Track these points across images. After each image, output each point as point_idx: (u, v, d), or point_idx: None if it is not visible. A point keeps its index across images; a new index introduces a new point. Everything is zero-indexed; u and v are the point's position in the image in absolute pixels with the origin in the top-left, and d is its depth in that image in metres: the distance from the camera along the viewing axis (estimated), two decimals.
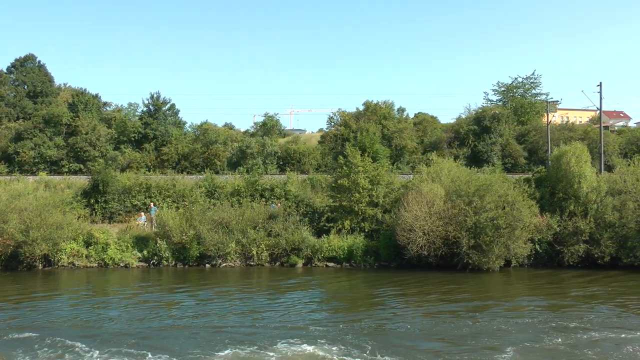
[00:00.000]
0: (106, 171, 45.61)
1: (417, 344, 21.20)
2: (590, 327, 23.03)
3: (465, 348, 20.61)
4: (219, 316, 25.33)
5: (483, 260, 34.20)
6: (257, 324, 23.80)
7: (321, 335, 22.01)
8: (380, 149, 44.28)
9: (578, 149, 37.76)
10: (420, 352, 20.28)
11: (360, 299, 29.25)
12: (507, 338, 21.71)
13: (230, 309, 26.70)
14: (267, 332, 22.55)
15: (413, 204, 34.78)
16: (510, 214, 34.01)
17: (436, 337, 22.16)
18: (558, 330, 22.57)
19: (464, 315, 25.00)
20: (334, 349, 20.35)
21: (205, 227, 37.14)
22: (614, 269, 35.49)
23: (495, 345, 20.87)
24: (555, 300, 28.31)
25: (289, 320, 24.45)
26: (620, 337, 21.87)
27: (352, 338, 21.64)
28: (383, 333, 22.63)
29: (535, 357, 19.73)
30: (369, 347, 20.53)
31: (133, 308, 27.02)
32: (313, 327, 23.12)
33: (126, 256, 37.90)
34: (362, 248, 36.73)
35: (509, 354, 19.86)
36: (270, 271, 36.37)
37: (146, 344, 20.96)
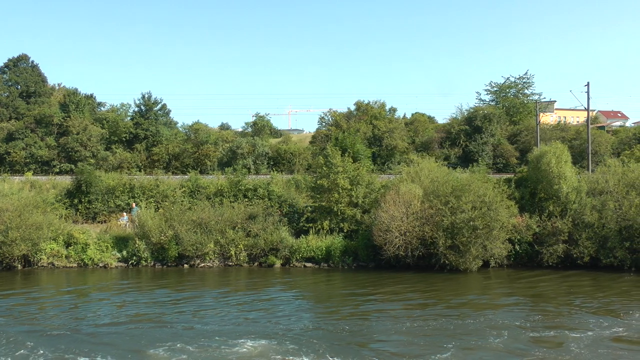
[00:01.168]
0: (90, 171, 45.59)
1: (369, 344, 21.37)
2: (537, 327, 23.26)
3: (408, 348, 20.80)
4: (167, 315, 25.71)
5: (460, 261, 34.07)
6: (202, 323, 24.07)
7: (273, 335, 22.18)
8: (361, 149, 44.10)
9: (558, 149, 37.58)
10: (372, 351, 20.49)
11: (328, 299, 29.40)
12: (454, 338, 21.84)
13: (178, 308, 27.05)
14: (204, 330, 22.87)
15: (390, 205, 34.65)
16: (487, 215, 33.83)
17: (390, 337, 22.28)
18: (502, 329, 22.79)
19: (425, 315, 25.12)
20: (284, 348, 20.47)
21: (184, 227, 37.10)
22: (594, 269, 35.34)
23: (442, 344, 20.99)
24: (515, 300, 28.62)
25: (235, 320, 24.70)
26: (571, 335, 22.06)
27: (307, 337, 21.77)
28: (343, 333, 22.68)
29: (476, 357, 19.85)
30: (325, 347, 20.57)
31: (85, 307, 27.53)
32: (273, 327, 23.29)
33: (105, 256, 37.95)
34: (340, 248, 36.65)
35: (450, 353, 19.99)
36: (247, 271, 36.37)
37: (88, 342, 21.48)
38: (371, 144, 66.90)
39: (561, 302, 27.75)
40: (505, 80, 78.89)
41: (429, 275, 34.07)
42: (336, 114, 70.97)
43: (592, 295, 29.23)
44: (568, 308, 26.67)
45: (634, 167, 38.72)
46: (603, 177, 38.00)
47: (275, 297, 29.36)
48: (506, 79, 78.97)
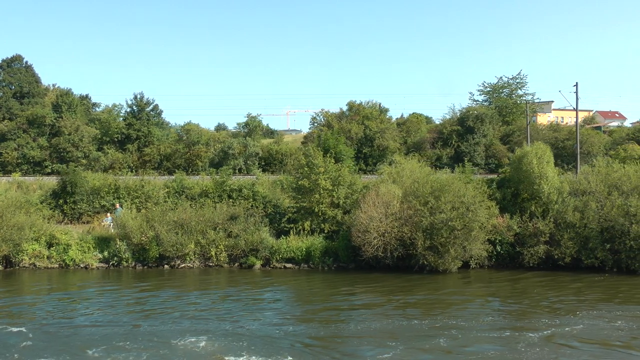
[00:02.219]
0: (75, 172, 45.62)
1: (326, 345, 21.47)
2: (494, 327, 23.44)
3: (349, 348, 21.10)
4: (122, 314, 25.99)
5: (439, 262, 33.92)
6: (154, 322, 24.38)
7: (220, 334, 22.50)
8: (344, 149, 43.98)
9: (540, 149, 37.41)
10: (313, 350, 20.80)
11: (298, 300, 29.62)
12: (404, 338, 21.99)
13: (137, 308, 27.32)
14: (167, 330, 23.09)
15: (369, 205, 34.54)
16: (466, 215, 33.66)
17: (347, 338, 22.43)
18: (457, 329, 23.00)
19: (385, 315, 25.37)
20: (225, 346, 20.81)
21: (164, 228, 37.05)
22: (575, 270, 35.11)
23: (388, 344, 21.12)
24: (482, 301, 28.85)
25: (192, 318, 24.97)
26: (524, 335, 22.16)
27: (254, 337, 22.07)
28: (303, 333, 22.81)
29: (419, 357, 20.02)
30: (265, 346, 20.85)
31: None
32: (222, 326, 23.65)
33: (87, 257, 37.94)
34: (320, 249, 36.52)
35: (392, 353, 20.09)
36: (227, 272, 36.35)
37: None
38: (362, 144, 66.94)
39: (529, 303, 27.82)
40: (498, 81, 78.72)
41: (407, 276, 33.96)
42: (328, 114, 70.95)
43: (563, 296, 29.35)
44: (533, 308, 26.78)
45: (617, 167, 38.48)
46: (585, 178, 37.78)
47: (238, 297, 29.58)
48: (499, 79, 78.79)
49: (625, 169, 38.13)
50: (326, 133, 47.75)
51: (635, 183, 36.54)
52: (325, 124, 69.95)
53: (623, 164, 40.15)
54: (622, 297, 29.28)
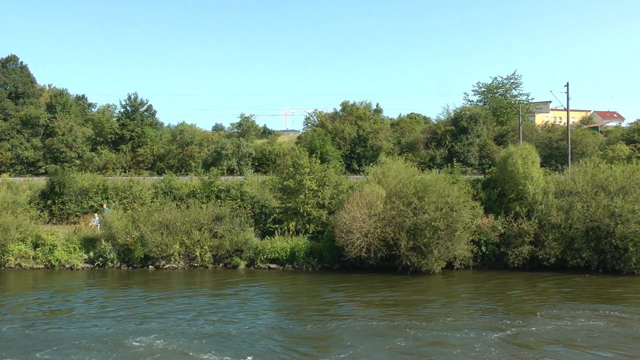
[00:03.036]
0: (63, 173, 45.70)
1: (292, 347, 21.47)
2: (449, 328, 23.40)
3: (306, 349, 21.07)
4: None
5: (423, 262, 33.82)
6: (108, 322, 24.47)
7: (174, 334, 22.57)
8: (330, 149, 43.92)
9: (525, 149, 37.31)
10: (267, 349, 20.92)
11: (270, 300, 29.53)
12: (363, 338, 22.03)
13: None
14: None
15: (353, 205, 34.48)
16: (450, 215, 33.56)
17: (301, 337, 22.50)
18: (419, 330, 23.04)
19: (352, 316, 25.36)
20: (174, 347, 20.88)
21: (149, 228, 37.04)
22: (560, 270, 35.00)
23: (346, 345, 21.21)
24: (456, 301, 28.80)
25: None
26: (484, 335, 22.20)
27: (207, 337, 22.09)
28: (269, 335, 22.80)
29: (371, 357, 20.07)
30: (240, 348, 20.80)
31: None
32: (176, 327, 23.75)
33: (73, 258, 37.96)
34: (304, 250, 36.49)
35: (347, 354, 20.13)
36: (211, 272, 36.33)
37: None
38: (356, 144, 66.89)
39: (501, 303, 27.93)
40: (492, 81, 78.55)
41: (393, 276, 33.86)
42: (322, 114, 70.89)
43: (537, 296, 29.39)
44: (503, 308, 26.87)
45: (604, 167, 38.34)
46: (572, 178, 37.65)
47: (213, 297, 29.70)
48: (494, 80, 78.66)
49: (613, 170, 37.97)
50: (311, 134, 47.62)
51: (622, 183, 36.38)
52: (318, 125, 69.89)
53: (610, 164, 39.96)
54: (600, 297, 29.19)
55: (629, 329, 23.34)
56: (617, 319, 24.72)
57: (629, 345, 21.20)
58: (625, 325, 23.81)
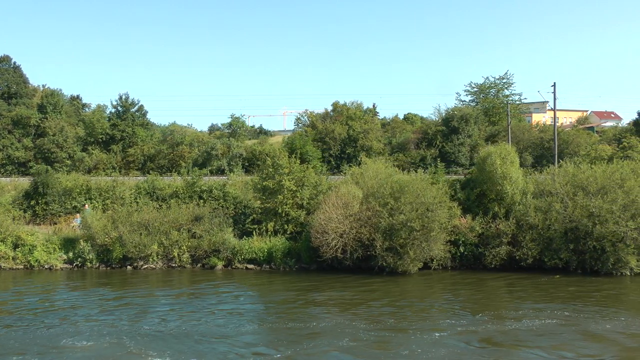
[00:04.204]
0: (47, 173, 45.78)
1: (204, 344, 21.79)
2: (408, 328, 23.56)
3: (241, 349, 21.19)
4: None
5: (399, 263, 33.74)
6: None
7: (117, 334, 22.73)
8: (311, 150, 43.79)
9: (504, 149, 37.14)
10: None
11: (229, 301, 29.36)
12: (305, 338, 22.24)
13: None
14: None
15: (329, 206, 34.40)
16: (425, 215, 33.43)
17: (237, 336, 22.75)
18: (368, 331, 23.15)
19: (301, 316, 25.60)
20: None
21: (127, 228, 37.03)
22: (538, 271, 34.91)
23: (284, 345, 21.42)
24: (417, 301, 28.87)
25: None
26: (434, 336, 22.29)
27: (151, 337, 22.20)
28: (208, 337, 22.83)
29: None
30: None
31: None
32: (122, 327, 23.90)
33: (52, 258, 37.99)
34: (282, 250, 36.46)
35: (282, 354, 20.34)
36: (189, 273, 36.32)
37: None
38: (346, 144, 66.73)
39: (456, 303, 28.22)
40: (485, 81, 78.25)
41: (368, 277, 33.84)
42: (312, 114, 70.77)
43: (497, 296, 29.95)
44: (460, 309, 27.02)
45: (585, 168, 38.13)
46: (551, 179, 37.48)
47: (174, 297, 29.82)
48: (486, 79, 78.37)
49: (594, 170, 37.76)
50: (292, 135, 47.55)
51: (602, 184, 36.17)
52: (309, 125, 69.79)
53: (592, 164, 39.74)
54: (562, 297, 29.31)
55: (572, 327, 23.67)
56: (564, 317, 25.02)
57: (570, 345, 21.54)
58: (569, 324, 24.11)
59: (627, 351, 20.95)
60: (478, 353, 20.57)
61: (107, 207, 42.40)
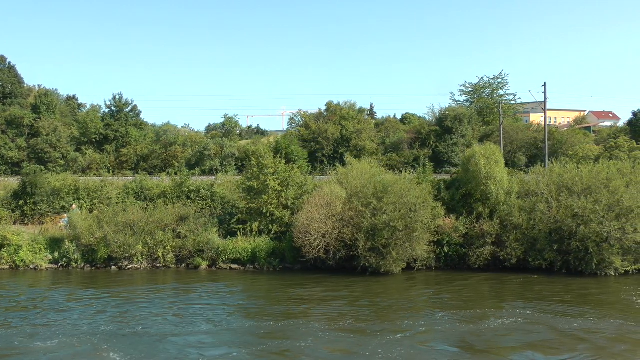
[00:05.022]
0: (36, 173, 45.84)
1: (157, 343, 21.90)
2: (363, 329, 23.50)
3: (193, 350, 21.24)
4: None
5: (381, 263, 33.67)
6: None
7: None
8: (296, 149, 43.72)
9: (489, 149, 37.02)
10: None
11: (197, 301, 29.27)
12: (263, 339, 22.34)
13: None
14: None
15: (312, 206, 34.36)
16: (408, 216, 33.36)
17: (188, 335, 22.88)
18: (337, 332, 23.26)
19: (262, 317, 25.61)
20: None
21: (112, 229, 37.04)
22: (523, 271, 34.79)
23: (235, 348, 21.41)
24: (387, 302, 28.71)
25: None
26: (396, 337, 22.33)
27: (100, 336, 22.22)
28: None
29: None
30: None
31: None
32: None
33: (37, 258, 38.02)
34: (265, 250, 36.44)
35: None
36: (173, 273, 36.34)
37: None
38: (339, 144, 66.68)
39: (431, 305, 27.97)
40: (479, 81, 78.13)
41: (351, 277, 33.78)
42: (306, 114, 70.71)
43: (466, 296, 29.75)
44: (431, 310, 26.94)
45: (571, 168, 38.01)
46: (535, 179, 37.38)
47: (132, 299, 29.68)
48: (480, 79, 78.24)
49: (580, 170, 37.63)
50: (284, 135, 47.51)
51: (588, 184, 36.04)
52: (302, 125, 69.72)
53: (578, 164, 39.61)
54: (530, 297, 29.35)
55: (534, 326, 23.82)
56: (525, 317, 25.16)
57: (526, 344, 21.73)
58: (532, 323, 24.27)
59: (589, 350, 20.99)
60: (434, 354, 20.64)
61: (95, 207, 42.40)
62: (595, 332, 22.87)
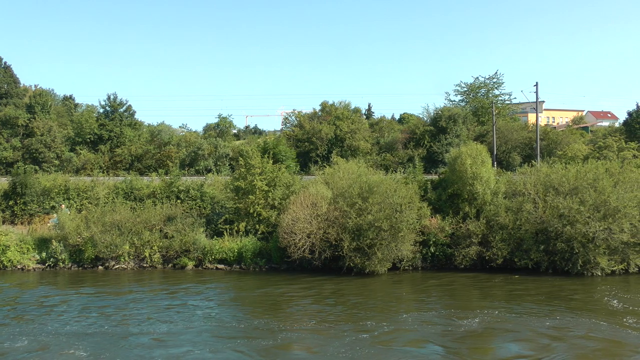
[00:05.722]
0: (26, 173, 45.90)
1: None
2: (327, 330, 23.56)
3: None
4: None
5: (366, 263, 33.63)
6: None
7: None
8: (284, 149, 43.69)
9: (475, 149, 36.93)
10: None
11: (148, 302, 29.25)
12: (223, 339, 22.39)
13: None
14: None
15: (297, 206, 34.34)
16: (393, 216, 33.31)
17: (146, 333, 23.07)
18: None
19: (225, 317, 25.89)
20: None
21: (99, 229, 37.06)
22: (509, 271, 34.73)
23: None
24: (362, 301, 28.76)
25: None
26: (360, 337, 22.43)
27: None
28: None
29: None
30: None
31: None
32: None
33: (25, 258, 38.04)
34: (251, 250, 36.42)
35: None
36: (160, 273, 36.33)
37: None
38: (333, 144, 66.64)
39: (405, 306, 28.02)
40: (474, 80, 78.03)
41: (336, 278, 33.75)
42: (300, 114, 70.71)
43: (441, 296, 29.93)
44: (404, 310, 26.91)
45: (558, 168, 37.92)
46: (522, 179, 37.30)
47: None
48: (475, 79, 78.17)
49: (568, 169, 37.54)
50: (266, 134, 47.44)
51: (574, 184, 35.93)
52: (297, 125, 69.73)
53: (566, 164, 39.51)
54: (501, 296, 29.48)
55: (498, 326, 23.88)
56: (494, 317, 25.20)
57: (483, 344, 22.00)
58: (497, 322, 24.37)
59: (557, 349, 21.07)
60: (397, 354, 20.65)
61: (85, 207, 42.42)
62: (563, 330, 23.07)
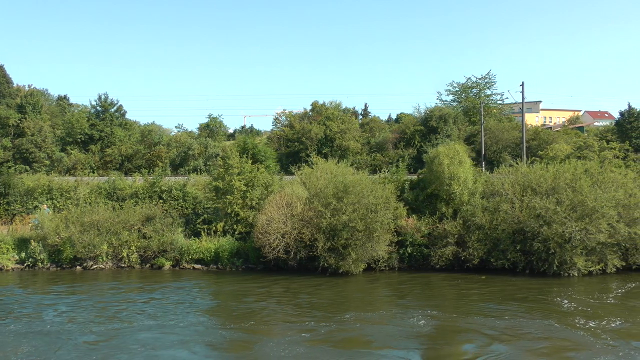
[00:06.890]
0: (9, 173, 46.03)
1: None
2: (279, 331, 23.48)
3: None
4: None
5: (341, 264, 33.56)
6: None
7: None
8: (264, 149, 43.67)
9: (452, 149, 36.80)
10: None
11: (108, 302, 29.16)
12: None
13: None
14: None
15: (272, 206, 34.32)
16: (368, 216, 33.23)
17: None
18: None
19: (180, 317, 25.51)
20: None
21: (77, 229, 37.11)
22: (485, 272, 34.57)
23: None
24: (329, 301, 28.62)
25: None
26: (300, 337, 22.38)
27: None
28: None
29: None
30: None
31: None
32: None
33: (3, 258, 38.09)
34: (229, 250, 36.41)
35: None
36: (137, 273, 36.35)
37: None
38: (323, 144, 66.64)
39: (361, 305, 27.83)
40: (466, 80, 77.88)
41: (310, 278, 33.64)
42: (290, 114, 70.72)
43: (406, 296, 29.84)
44: (361, 309, 26.79)
45: (538, 167, 37.78)
46: (500, 179, 37.17)
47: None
48: (467, 79, 77.99)
49: (547, 169, 37.40)
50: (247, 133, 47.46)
51: (553, 184, 35.80)
52: (287, 125, 69.75)
53: (547, 164, 39.35)
54: (472, 297, 29.43)
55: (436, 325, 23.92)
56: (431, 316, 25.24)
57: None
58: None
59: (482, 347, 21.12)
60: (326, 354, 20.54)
61: (66, 207, 42.48)
62: (517, 329, 23.05)
